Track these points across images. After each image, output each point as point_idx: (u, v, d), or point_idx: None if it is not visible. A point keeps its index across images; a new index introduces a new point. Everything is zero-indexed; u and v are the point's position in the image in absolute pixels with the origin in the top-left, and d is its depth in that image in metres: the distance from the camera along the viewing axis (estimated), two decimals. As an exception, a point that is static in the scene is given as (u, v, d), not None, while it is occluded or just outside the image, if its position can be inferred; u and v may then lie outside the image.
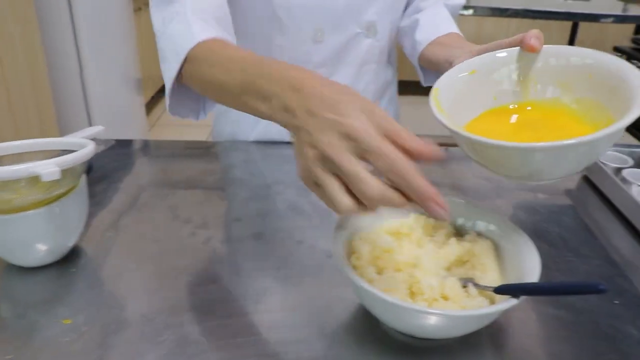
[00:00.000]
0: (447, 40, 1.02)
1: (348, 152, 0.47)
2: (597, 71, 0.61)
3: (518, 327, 0.64)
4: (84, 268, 0.72)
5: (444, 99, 0.64)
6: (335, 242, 0.60)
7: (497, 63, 0.68)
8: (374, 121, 0.47)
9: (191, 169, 1.01)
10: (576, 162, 0.56)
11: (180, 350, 0.59)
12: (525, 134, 0.64)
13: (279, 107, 0.55)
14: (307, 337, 0.61)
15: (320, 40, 1.04)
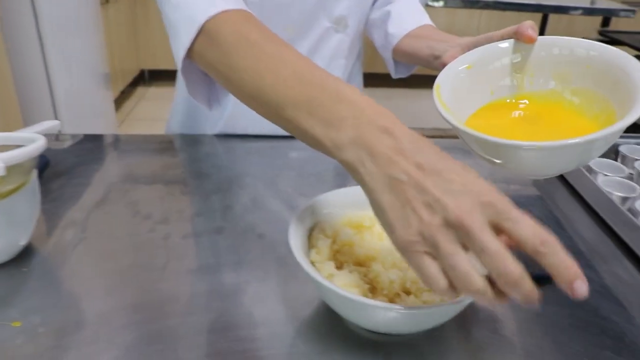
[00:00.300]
0: (423, 33, 1.01)
1: (488, 227, 0.42)
2: (597, 62, 0.61)
3: (485, 319, 0.63)
4: (37, 267, 0.69)
5: (445, 96, 0.63)
6: (294, 236, 0.58)
7: (492, 56, 0.67)
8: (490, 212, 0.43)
9: (154, 163, 0.98)
10: (586, 155, 0.56)
11: (137, 350, 0.56)
12: (525, 129, 0.64)
13: (359, 143, 0.46)
14: (268, 335, 0.59)
15: (290, 35, 1.01)
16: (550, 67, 0.65)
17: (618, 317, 0.64)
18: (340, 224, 0.64)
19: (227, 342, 0.58)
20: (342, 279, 0.56)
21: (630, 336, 0.61)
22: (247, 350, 0.57)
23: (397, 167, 0.44)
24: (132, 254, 0.72)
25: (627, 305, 0.66)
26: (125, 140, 1.11)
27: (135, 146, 1.08)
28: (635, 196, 0.86)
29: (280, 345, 0.58)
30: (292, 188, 0.90)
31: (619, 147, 1.05)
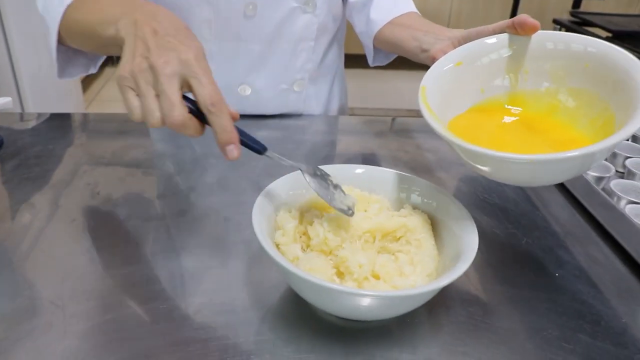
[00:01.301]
0: (408, 22, 0.98)
1: (176, 76, 0.54)
2: (597, 61, 0.57)
3: (458, 304, 0.60)
4: (-14, 253, 0.65)
5: (432, 96, 0.60)
6: (258, 217, 0.54)
7: (483, 52, 0.64)
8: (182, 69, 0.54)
9: (115, 143, 0.94)
10: (576, 169, 0.55)
11: (94, 340, 0.53)
12: (516, 136, 0.61)
13: (128, 23, 0.60)
14: (232, 322, 0.56)
15: (253, 15, 0.97)
16: (545, 64, 0.62)
17: (594, 300, 0.62)
18: (306, 206, 0.61)
19: (189, 331, 0.54)
20: (308, 262, 0.53)
21: (607, 319, 0.60)
22: (210, 339, 0.54)
23: (140, 31, 0.57)
24: (89, 237, 0.68)
25: (602, 288, 0.65)
26: (86, 120, 1.06)
27: (96, 126, 1.03)
28: (609, 176, 0.85)
29: (245, 333, 0.55)
30: (260, 169, 0.87)
31: (593, 127, 1.03)
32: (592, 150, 0.48)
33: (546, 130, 0.61)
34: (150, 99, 0.54)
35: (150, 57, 0.55)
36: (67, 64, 0.89)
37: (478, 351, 0.54)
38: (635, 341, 0.57)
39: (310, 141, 0.99)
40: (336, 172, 0.65)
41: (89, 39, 0.74)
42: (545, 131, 0.61)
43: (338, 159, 0.95)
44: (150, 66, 0.54)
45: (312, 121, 1.07)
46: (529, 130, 0.62)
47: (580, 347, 0.56)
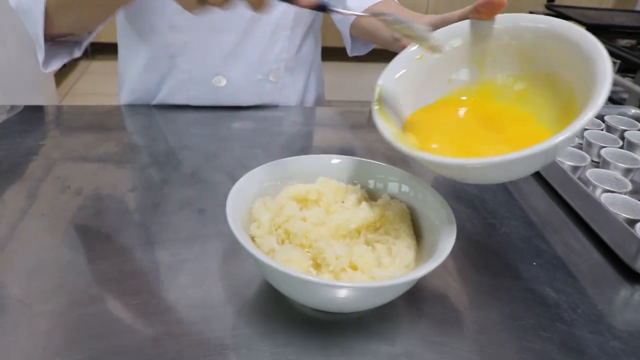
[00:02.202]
0: (384, 9, 0.97)
1: None
2: (561, 44, 0.55)
3: (437, 295, 0.60)
4: (-50, 249, 0.63)
5: (390, 93, 0.58)
6: (233, 209, 0.53)
7: (445, 41, 0.62)
8: None
9: (87, 136, 0.91)
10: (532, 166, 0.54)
11: (63, 338, 0.51)
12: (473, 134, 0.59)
13: None
14: (207, 317, 0.55)
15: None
16: (510, 47, 0.60)
17: (571, 289, 0.62)
18: (284, 196, 0.60)
19: (163, 326, 0.53)
20: (284, 254, 0.51)
21: (583, 307, 0.60)
22: (185, 334, 0.52)
23: None
24: (59, 233, 0.66)
25: (579, 277, 0.65)
26: (57, 113, 1.03)
27: (68, 119, 1.00)
28: (585, 165, 0.85)
29: (221, 327, 0.53)
30: (236, 160, 0.85)
31: (568, 117, 1.04)
32: (535, 151, 0.46)
33: (505, 124, 0.60)
34: None
35: None
36: (52, 56, 0.90)
37: (456, 342, 0.54)
38: (610, 328, 0.57)
39: (287, 132, 0.98)
40: (313, 163, 0.64)
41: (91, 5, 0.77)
42: (504, 125, 0.60)
43: (315, 150, 0.94)
44: None
45: (288, 112, 1.06)
46: (488, 124, 0.60)
47: (557, 335, 0.56)
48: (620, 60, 1.94)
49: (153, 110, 1.02)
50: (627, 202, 0.75)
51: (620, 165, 0.85)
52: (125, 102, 1.10)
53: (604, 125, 1.02)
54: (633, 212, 0.74)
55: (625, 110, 1.09)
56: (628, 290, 0.64)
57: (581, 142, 0.97)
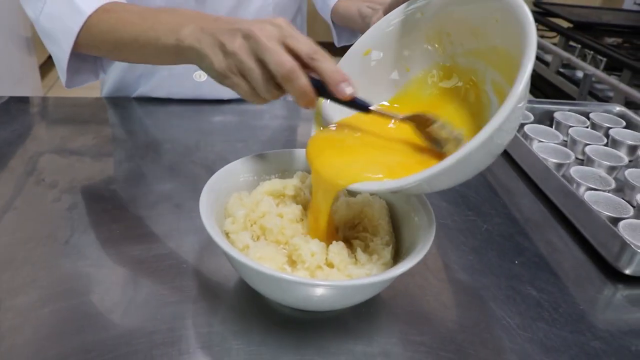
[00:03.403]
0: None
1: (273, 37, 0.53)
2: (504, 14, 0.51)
3: (416, 293, 0.59)
4: None
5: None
6: (206, 204, 0.52)
7: (394, 26, 0.60)
8: (275, 31, 0.54)
9: (64, 128, 0.89)
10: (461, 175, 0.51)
11: (29, 335, 0.50)
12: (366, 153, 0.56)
13: (194, 31, 0.59)
14: (180, 314, 0.53)
15: (203, 0, 0.93)
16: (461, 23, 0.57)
17: (553, 288, 0.62)
18: (260, 192, 0.58)
19: (135, 322, 0.52)
20: (258, 251, 0.50)
21: (565, 306, 0.59)
22: (157, 331, 0.51)
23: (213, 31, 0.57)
24: (32, 226, 0.65)
25: (561, 275, 0.64)
26: (37, 103, 1.01)
27: (45, 110, 0.98)
28: (569, 162, 0.85)
29: (194, 324, 0.52)
30: (216, 154, 0.84)
31: (553, 114, 1.03)
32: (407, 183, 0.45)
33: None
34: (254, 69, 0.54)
35: (242, 29, 0.55)
36: (75, 72, 0.84)
37: (435, 341, 0.53)
38: (591, 327, 0.57)
39: (269, 126, 0.96)
40: (291, 157, 0.63)
41: (127, 46, 0.71)
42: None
43: (298, 145, 0.92)
44: (245, 35, 0.55)
45: (271, 106, 1.04)
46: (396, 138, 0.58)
47: (538, 334, 0.55)
48: (607, 58, 1.94)
49: (134, 102, 1.00)
50: (610, 200, 0.75)
51: (605, 163, 0.85)
52: (106, 95, 1.07)
53: (588, 122, 1.02)
54: (616, 210, 0.73)
55: (610, 108, 1.08)
56: (610, 290, 0.63)
57: (566, 140, 0.97)
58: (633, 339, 0.56)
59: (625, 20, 2.52)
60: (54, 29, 0.77)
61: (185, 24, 0.61)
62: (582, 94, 1.93)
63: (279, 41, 0.53)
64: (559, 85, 2.13)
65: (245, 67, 0.55)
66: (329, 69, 0.53)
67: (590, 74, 1.88)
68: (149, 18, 0.68)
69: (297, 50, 0.53)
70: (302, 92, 0.53)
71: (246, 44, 0.54)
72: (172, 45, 0.62)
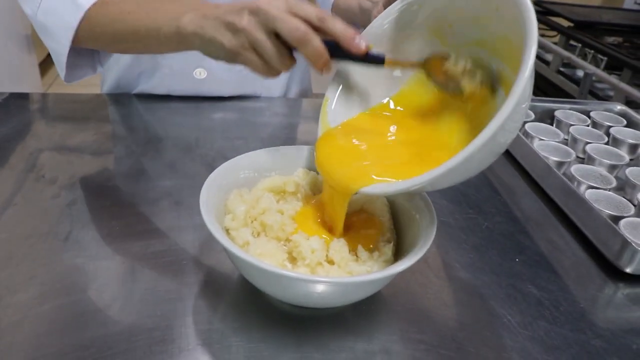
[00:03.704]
0: None
1: (283, 9, 0.54)
2: (503, 1, 0.50)
3: (416, 291, 0.59)
4: None
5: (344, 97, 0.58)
6: (206, 200, 0.51)
7: (397, 21, 0.60)
8: (281, 3, 0.55)
9: (64, 125, 0.89)
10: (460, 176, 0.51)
11: (29, 331, 0.49)
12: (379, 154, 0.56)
13: (195, 17, 0.60)
14: (181, 311, 0.53)
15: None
16: (462, 12, 0.56)
17: (554, 286, 0.61)
18: (260, 188, 0.58)
19: (134, 319, 0.51)
20: (258, 247, 0.50)
21: (565, 305, 0.59)
22: (157, 328, 0.51)
23: (217, 14, 0.58)
24: (32, 222, 0.64)
25: (562, 274, 0.64)
26: (38, 100, 1.00)
27: (47, 106, 0.98)
28: (570, 161, 0.84)
29: (194, 321, 0.52)
30: (216, 151, 0.83)
31: (554, 112, 1.03)
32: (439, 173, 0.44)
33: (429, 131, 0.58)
34: (267, 41, 0.56)
35: (248, 6, 0.56)
36: (74, 67, 0.84)
37: (436, 339, 0.53)
38: (592, 326, 0.57)
39: (269, 124, 0.96)
40: (293, 154, 0.62)
41: (127, 38, 0.72)
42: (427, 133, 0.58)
43: (298, 142, 0.92)
44: (252, 11, 0.56)
45: (271, 103, 1.04)
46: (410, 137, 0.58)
47: (539, 333, 0.55)
48: (607, 58, 1.94)
49: (134, 99, 1.00)
50: (611, 199, 0.75)
51: (605, 162, 0.85)
52: (107, 92, 1.07)
53: (589, 121, 1.01)
54: (617, 208, 0.73)
55: (611, 107, 1.08)
56: (611, 288, 0.63)
57: (567, 138, 0.96)
58: (634, 337, 0.56)
59: (626, 20, 2.51)
60: (52, 24, 0.77)
61: (186, 12, 0.62)
62: (583, 93, 1.92)
63: (287, 11, 0.55)
64: (559, 84, 2.12)
65: (257, 41, 0.56)
66: (340, 27, 0.54)
67: (591, 73, 1.87)
68: (149, 8, 0.68)
69: (306, 16, 0.54)
70: (317, 53, 0.54)
71: (255, 19, 0.55)
72: (174, 33, 0.63)
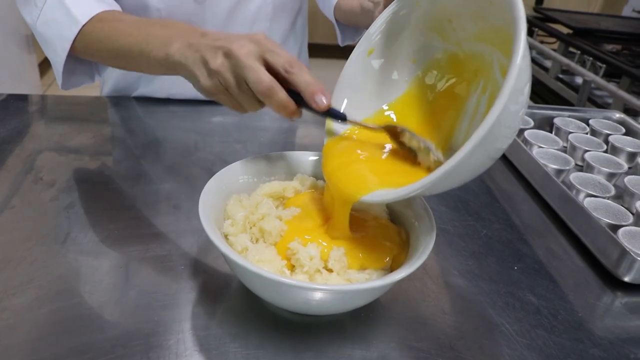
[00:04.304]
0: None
1: (252, 53, 0.55)
2: None
3: (415, 298, 0.58)
4: None
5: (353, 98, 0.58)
6: (206, 205, 0.51)
7: (391, 20, 0.60)
8: (254, 48, 0.55)
9: (63, 126, 0.89)
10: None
11: (25, 335, 0.49)
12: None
13: (182, 46, 0.61)
14: (178, 316, 0.53)
15: (202, 0, 0.93)
16: (460, 7, 0.56)
17: (552, 294, 0.61)
18: (259, 194, 0.58)
19: (131, 325, 0.51)
20: (257, 253, 0.50)
21: (564, 313, 0.59)
22: (154, 333, 0.50)
23: (200, 46, 0.59)
24: (29, 225, 0.64)
25: (560, 282, 0.64)
26: (37, 101, 1.00)
27: (47, 107, 0.98)
28: (569, 169, 0.84)
29: (191, 327, 0.52)
30: (215, 155, 0.83)
31: (553, 119, 1.03)
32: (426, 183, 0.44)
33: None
34: (236, 86, 0.57)
35: (223, 47, 0.56)
36: (71, 74, 0.85)
37: (434, 347, 0.52)
38: (590, 335, 0.56)
39: (269, 128, 0.96)
40: (292, 160, 0.62)
41: (121, 56, 0.72)
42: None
43: (297, 147, 0.92)
44: (226, 54, 0.56)
45: (271, 108, 1.04)
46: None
47: (537, 342, 0.54)
48: (606, 65, 1.94)
49: (133, 102, 1.00)
50: (610, 207, 0.75)
51: (604, 170, 0.85)
52: (106, 94, 1.07)
53: (588, 129, 1.02)
54: (616, 217, 0.73)
55: (609, 115, 1.08)
56: (609, 297, 0.63)
57: (565, 146, 0.96)
58: (632, 347, 0.56)
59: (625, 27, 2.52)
60: (50, 35, 0.78)
61: (175, 39, 0.62)
62: (581, 100, 1.92)
63: (258, 57, 0.55)
64: (558, 91, 2.13)
65: (228, 85, 0.57)
66: (304, 81, 0.54)
67: (590, 80, 1.88)
68: (142, 30, 0.69)
69: (275, 64, 0.55)
70: (281, 105, 0.55)
71: (227, 63, 0.56)
72: (163, 59, 0.63)
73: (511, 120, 0.44)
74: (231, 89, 0.57)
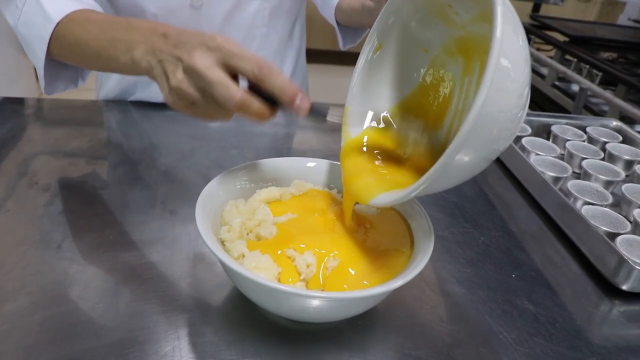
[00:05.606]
0: None
1: (215, 64, 0.52)
2: None
3: (412, 306, 0.58)
4: None
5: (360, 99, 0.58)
6: (202, 211, 0.51)
7: (397, 14, 0.58)
8: (215, 56, 0.52)
9: (58, 130, 0.88)
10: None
11: (19, 341, 0.48)
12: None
13: (146, 52, 0.58)
14: (173, 323, 0.52)
15: (199, 5, 0.92)
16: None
17: (550, 302, 0.61)
18: (256, 199, 0.58)
19: (126, 331, 0.51)
20: (253, 260, 0.49)
21: (562, 321, 0.58)
22: (149, 341, 0.50)
23: (162, 53, 0.56)
24: (23, 229, 0.63)
25: (558, 290, 0.63)
26: (33, 105, 1.00)
27: (42, 111, 0.97)
28: (566, 176, 0.84)
29: (187, 334, 0.51)
30: (211, 160, 0.83)
31: (550, 127, 1.03)
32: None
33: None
34: (202, 99, 0.54)
35: (183, 59, 0.53)
36: (55, 79, 0.83)
37: (432, 355, 0.52)
38: (588, 344, 0.56)
39: (265, 133, 0.96)
40: (288, 165, 0.62)
41: (92, 60, 0.71)
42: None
43: (294, 152, 0.92)
44: (186, 68, 0.53)
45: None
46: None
47: (535, 350, 0.54)
48: (602, 73, 1.95)
49: (130, 106, 0.99)
50: (607, 215, 0.75)
51: (602, 178, 0.85)
52: (102, 98, 1.07)
53: (585, 136, 1.02)
54: (613, 225, 0.73)
55: (607, 122, 1.08)
56: (607, 305, 0.63)
57: (563, 153, 0.96)
58: (630, 355, 0.56)
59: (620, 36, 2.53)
60: (29, 36, 0.77)
61: (138, 43, 0.60)
62: (578, 107, 1.93)
63: (221, 65, 0.52)
64: (554, 98, 2.13)
65: (193, 99, 0.54)
66: (278, 86, 0.51)
67: (586, 88, 1.88)
68: (107, 33, 0.66)
69: (242, 71, 0.52)
70: (258, 115, 0.52)
71: (188, 79, 0.53)
72: (130, 64, 0.61)
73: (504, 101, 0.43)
74: (197, 102, 0.54)
